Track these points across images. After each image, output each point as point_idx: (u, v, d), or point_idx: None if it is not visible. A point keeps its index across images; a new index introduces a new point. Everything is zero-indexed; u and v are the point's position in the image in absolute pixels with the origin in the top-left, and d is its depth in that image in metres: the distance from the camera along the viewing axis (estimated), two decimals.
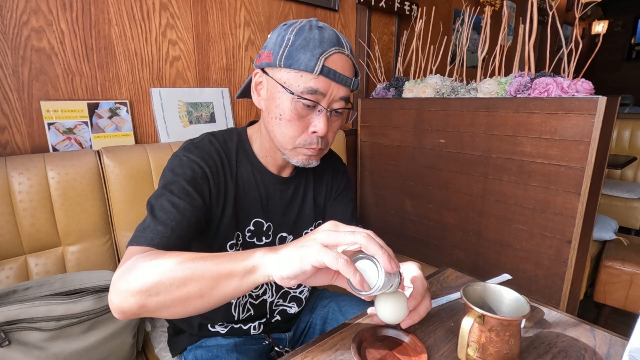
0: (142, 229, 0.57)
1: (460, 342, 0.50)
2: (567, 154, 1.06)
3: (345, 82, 0.62)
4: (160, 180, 0.65)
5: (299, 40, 0.60)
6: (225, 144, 0.71)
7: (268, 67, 0.64)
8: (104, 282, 0.84)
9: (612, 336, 0.59)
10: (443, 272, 0.81)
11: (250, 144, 0.74)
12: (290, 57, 0.60)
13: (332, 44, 0.61)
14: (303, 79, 0.60)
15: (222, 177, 0.68)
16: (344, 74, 0.62)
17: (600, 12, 4.52)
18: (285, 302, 0.82)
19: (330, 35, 0.61)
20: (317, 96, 0.61)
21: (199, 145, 0.68)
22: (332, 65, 0.60)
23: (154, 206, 0.59)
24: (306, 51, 0.59)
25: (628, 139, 2.54)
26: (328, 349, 0.56)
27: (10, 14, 0.94)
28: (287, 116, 0.63)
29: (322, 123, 0.63)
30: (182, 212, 0.59)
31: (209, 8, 1.28)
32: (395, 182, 1.60)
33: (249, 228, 0.73)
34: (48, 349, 0.75)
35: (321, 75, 0.60)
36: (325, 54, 0.59)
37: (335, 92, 0.62)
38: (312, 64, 0.59)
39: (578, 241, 1.08)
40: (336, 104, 0.64)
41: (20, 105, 0.99)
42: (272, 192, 0.75)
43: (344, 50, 0.62)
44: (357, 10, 1.76)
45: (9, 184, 0.87)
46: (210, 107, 1.33)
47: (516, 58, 1.26)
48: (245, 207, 0.72)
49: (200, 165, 0.65)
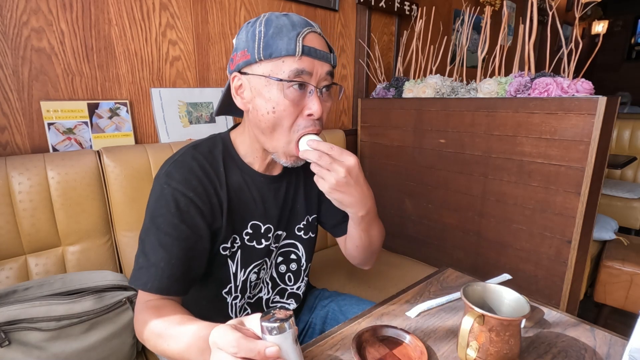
0: (138, 269, 0.61)
1: (460, 342, 0.50)
2: (567, 154, 1.06)
3: (327, 58, 0.63)
4: (147, 209, 0.65)
5: (270, 30, 0.60)
6: (210, 154, 0.69)
7: (246, 66, 0.64)
8: (104, 282, 0.84)
9: (612, 336, 0.59)
10: (443, 272, 0.81)
11: (235, 147, 0.72)
12: (268, 46, 0.60)
13: (303, 24, 0.62)
14: (286, 63, 0.60)
15: (212, 191, 0.67)
16: (323, 49, 0.63)
17: (600, 12, 4.52)
18: (283, 299, 0.82)
19: (297, 18, 0.62)
20: (304, 77, 0.61)
21: (180, 165, 0.66)
22: (310, 43, 0.61)
23: (145, 243, 0.62)
24: (282, 36, 0.60)
25: (628, 139, 2.54)
26: (328, 349, 0.56)
27: (10, 14, 0.94)
28: (281, 106, 0.62)
29: (316, 103, 0.62)
30: (169, 250, 0.61)
31: (209, 8, 1.28)
32: (395, 182, 1.60)
33: (247, 231, 0.72)
34: (48, 349, 0.74)
35: (303, 55, 0.60)
36: (302, 34, 0.60)
37: (320, 70, 0.62)
38: (292, 47, 0.59)
39: (578, 241, 1.08)
40: (323, 82, 0.64)
41: (20, 105, 0.99)
42: (265, 193, 0.74)
43: (315, 28, 0.63)
44: (357, 10, 1.76)
45: (9, 184, 0.87)
46: (210, 107, 1.33)
47: (516, 58, 1.26)
48: (240, 211, 0.71)
49: (184, 193, 0.63)
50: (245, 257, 0.73)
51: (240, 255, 0.73)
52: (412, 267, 1.40)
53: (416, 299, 0.70)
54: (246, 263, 0.74)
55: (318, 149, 0.61)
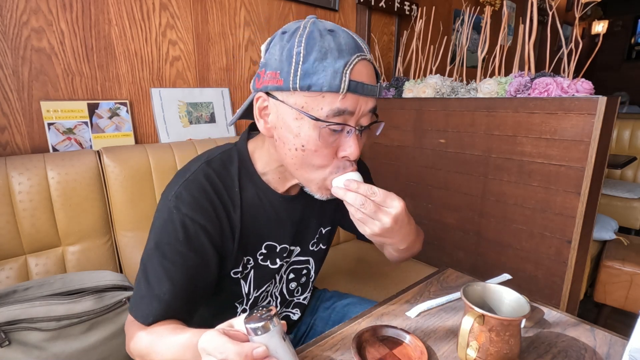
0: (140, 298, 0.57)
1: (460, 342, 0.50)
2: (567, 154, 1.06)
3: (373, 92, 0.54)
4: (152, 231, 0.59)
5: (313, 54, 0.49)
6: (226, 170, 0.63)
7: (276, 90, 0.54)
8: (104, 282, 0.84)
9: (612, 336, 0.59)
10: (443, 272, 0.81)
11: (253, 162, 0.65)
12: (307, 76, 0.50)
13: (352, 49, 0.51)
14: (326, 100, 0.51)
15: (224, 215, 0.61)
16: (371, 83, 0.53)
17: (600, 12, 4.52)
18: (289, 309, 0.81)
19: (346, 40, 0.52)
20: (345, 117, 0.52)
21: (192, 186, 0.59)
22: (357, 77, 0.51)
23: (148, 270, 0.57)
24: (326, 66, 0.49)
25: (628, 139, 2.54)
26: (328, 349, 0.56)
27: (10, 14, 0.94)
28: (312, 146, 0.54)
29: (354, 146, 0.54)
30: (174, 281, 0.56)
31: (209, 8, 1.28)
32: (395, 182, 1.60)
33: (261, 251, 0.68)
34: (48, 349, 0.74)
35: (348, 92, 0.50)
36: (349, 65, 0.50)
37: (364, 107, 0.53)
38: (337, 82, 0.49)
39: (578, 241, 1.08)
40: (364, 119, 0.55)
41: (20, 105, 0.99)
42: (281, 213, 0.68)
43: (365, 54, 0.53)
44: (357, 10, 1.76)
45: (9, 184, 0.87)
46: (210, 107, 1.33)
47: (516, 58, 1.26)
48: (254, 232, 0.65)
49: (194, 219, 0.57)
50: (258, 278, 0.70)
51: (254, 276, 0.69)
52: (412, 267, 1.40)
53: (416, 299, 0.70)
54: (259, 284, 0.71)
55: (358, 192, 0.53)
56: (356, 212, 0.54)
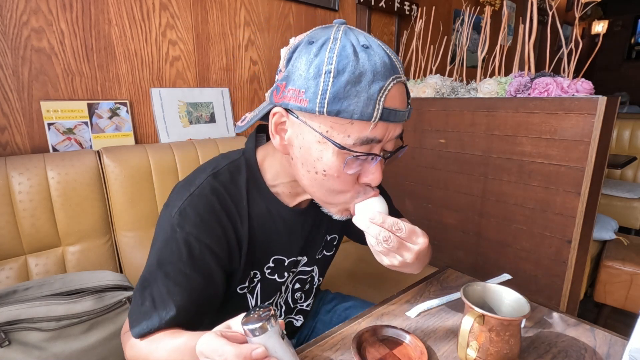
0: (142, 314, 0.54)
1: (460, 342, 0.50)
2: (567, 154, 1.06)
3: (403, 118, 0.49)
4: (154, 247, 0.57)
5: (345, 75, 0.44)
6: (233, 183, 0.59)
7: (299, 110, 0.48)
8: (104, 283, 0.84)
9: (612, 336, 0.59)
10: (443, 272, 0.81)
11: (262, 172, 0.61)
12: (337, 101, 0.44)
13: (388, 72, 0.45)
14: (355, 127, 0.46)
15: (231, 231, 0.58)
16: (403, 109, 0.49)
17: (600, 12, 4.52)
18: (292, 315, 0.80)
19: (382, 59, 0.46)
20: (372, 145, 0.49)
21: (197, 202, 0.55)
22: (391, 103, 0.46)
23: (152, 288, 0.54)
24: (359, 92, 0.44)
25: (628, 139, 2.54)
26: (328, 349, 0.56)
27: (10, 14, 0.94)
28: (334, 172, 0.50)
29: (377, 173, 0.51)
30: (179, 304, 0.54)
31: (209, 8, 1.28)
32: (395, 182, 1.60)
33: (269, 265, 0.66)
34: (48, 349, 0.74)
35: (380, 121, 0.46)
36: (384, 92, 0.45)
37: (392, 134, 0.50)
38: (370, 110, 0.45)
39: (578, 241, 1.08)
40: (390, 144, 0.52)
41: (20, 105, 0.99)
42: (292, 227, 0.65)
43: (400, 76, 0.48)
44: (357, 10, 1.76)
45: (9, 184, 0.87)
46: (210, 107, 1.33)
47: (516, 58, 1.26)
48: (261, 245, 0.63)
49: (199, 239, 0.55)
50: (265, 291, 0.69)
51: (260, 289, 0.68)
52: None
53: (416, 299, 0.70)
54: (266, 296, 0.69)
55: (383, 226, 0.50)
56: (377, 245, 0.51)
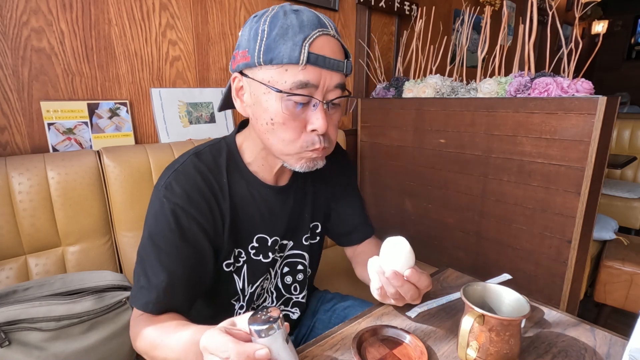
0: (139, 288, 0.59)
1: (460, 342, 0.50)
2: (567, 154, 1.06)
3: (338, 67, 0.55)
4: (145, 224, 0.61)
5: (275, 30, 0.52)
6: (214, 162, 0.64)
7: (246, 68, 0.57)
8: (104, 283, 0.84)
9: (612, 336, 0.59)
10: (443, 272, 0.81)
11: (241, 154, 0.67)
12: (269, 50, 0.53)
13: (314, 26, 0.53)
14: (289, 72, 0.53)
15: (215, 204, 0.63)
16: (334, 57, 0.54)
17: (600, 12, 4.52)
18: (288, 308, 0.81)
19: (309, 17, 0.54)
20: (309, 89, 0.54)
21: (181, 176, 0.61)
22: (318, 50, 0.53)
23: (145, 262, 0.59)
24: (286, 40, 0.52)
25: (628, 139, 2.54)
26: (328, 349, 0.56)
27: (10, 14, 0.94)
28: (279, 119, 0.56)
29: (321, 119, 0.55)
30: (171, 273, 0.58)
31: (209, 8, 1.28)
32: (395, 182, 1.60)
33: (253, 245, 0.69)
34: (48, 349, 0.74)
35: (308, 64, 0.52)
36: (309, 39, 0.52)
37: (328, 81, 0.55)
38: (296, 54, 0.52)
39: (578, 241, 1.08)
40: (331, 94, 0.57)
41: (20, 105, 0.99)
42: (272, 205, 0.69)
43: (328, 30, 0.54)
44: (357, 10, 1.76)
45: (9, 184, 0.87)
46: (210, 107, 1.33)
47: (516, 58, 1.26)
48: (244, 224, 0.67)
49: (184, 209, 0.59)
50: (251, 272, 0.71)
51: (247, 270, 0.70)
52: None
53: None
54: (253, 278, 0.71)
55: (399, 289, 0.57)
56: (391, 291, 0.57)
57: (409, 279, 0.56)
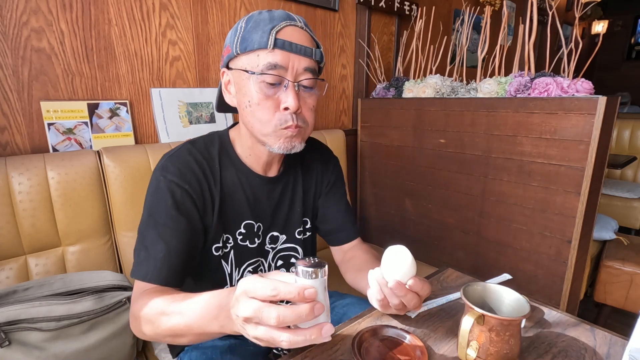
0: (139, 262, 0.62)
1: (460, 342, 0.50)
2: (567, 153, 1.06)
3: (305, 52, 0.62)
4: (145, 203, 0.66)
5: (250, 24, 0.61)
6: (206, 150, 0.70)
7: (229, 60, 0.65)
8: (105, 283, 0.84)
9: (612, 336, 0.59)
10: (443, 272, 0.81)
11: (233, 146, 0.73)
12: (244, 40, 0.61)
13: (282, 18, 0.61)
14: (260, 57, 0.60)
15: (206, 186, 0.68)
16: (301, 44, 0.62)
17: (600, 12, 4.52)
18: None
19: (279, 13, 0.62)
20: (279, 70, 0.61)
21: (175, 159, 0.67)
22: (286, 37, 0.60)
23: (144, 237, 0.63)
24: (257, 30, 0.60)
25: (628, 139, 2.54)
26: (328, 349, 0.56)
27: (10, 14, 0.94)
28: (255, 99, 0.62)
29: (291, 97, 0.61)
30: (168, 242, 0.62)
31: (208, 8, 1.28)
32: (395, 182, 1.60)
33: (240, 231, 0.73)
34: (48, 349, 0.75)
35: (276, 48, 0.60)
36: (276, 28, 0.60)
37: (297, 64, 0.61)
38: (265, 40, 0.59)
39: (578, 241, 1.08)
40: (302, 76, 0.63)
41: (20, 105, 0.99)
42: (258, 193, 0.74)
43: (296, 22, 0.62)
44: (357, 10, 1.76)
45: (9, 184, 0.87)
46: (210, 107, 1.33)
47: (516, 58, 1.26)
48: (232, 210, 0.71)
49: (179, 185, 0.64)
50: (238, 257, 0.74)
51: (234, 255, 0.73)
52: None
53: None
54: (240, 262, 0.74)
55: (402, 298, 0.57)
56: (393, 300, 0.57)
57: (412, 288, 0.56)
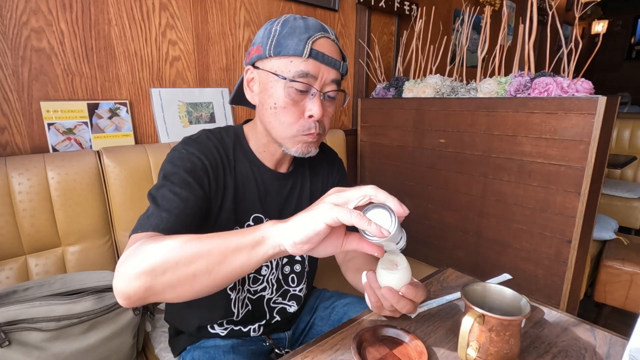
0: (146, 217, 0.56)
1: (460, 342, 0.50)
2: (567, 153, 1.06)
3: (335, 65, 0.64)
4: (160, 172, 0.65)
5: (285, 29, 0.63)
6: (223, 140, 0.72)
7: (258, 60, 0.66)
8: (104, 283, 0.84)
9: (612, 336, 0.59)
10: (443, 272, 0.81)
11: (247, 140, 0.74)
12: (279, 44, 0.62)
13: (317, 29, 0.63)
14: (293, 63, 0.62)
15: (222, 171, 0.69)
16: (332, 56, 0.64)
17: (600, 12, 4.52)
18: (285, 301, 0.82)
19: (314, 22, 0.64)
20: (309, 79, 0.62)
21: (197, 140, 0.69)
22: (319, 48, 0.62)
23: (156, 196, 0.60)
24: (293, 37, 0.61)
25: (628, 139, 2.54)
26: (328, 349, 0.56)
27: (10, 14, 0.94)
28: (281, 103, 0.64)
29: (317, 106, 0.63)
30: (184, 200, 0.60)
31: (208, 8, 1.28)
32: (395, 182, 1.60)
33: (249, 223, 0.73)
34: (48, 349, 0.75)
35: (310, 58, 0.61)
36: (313, 38, 0.62)
37: (326, 75, 0.64)
38: (301, 48, 0.61)
39: (578, 241, 1.08)
40: (328, 87, 0.65)
41: (20, 105, 0.99)
42: (269, 187, 0.75)
43: (329, 35, 0.65)
44: (357, 10, 1.76)
45: (9, 184, 0.87)
46: (210, 107, 1.33)
47: (516, 58, 1.26)
48: (244, 202, 0.72)
49: (200, 158, 0.66)
50: None
51: None
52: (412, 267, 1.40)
53: None
54: None
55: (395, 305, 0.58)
56: (385, 304, 0.59)
57: (405, 295, 0.58)
